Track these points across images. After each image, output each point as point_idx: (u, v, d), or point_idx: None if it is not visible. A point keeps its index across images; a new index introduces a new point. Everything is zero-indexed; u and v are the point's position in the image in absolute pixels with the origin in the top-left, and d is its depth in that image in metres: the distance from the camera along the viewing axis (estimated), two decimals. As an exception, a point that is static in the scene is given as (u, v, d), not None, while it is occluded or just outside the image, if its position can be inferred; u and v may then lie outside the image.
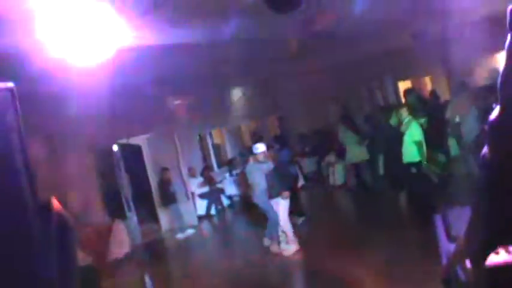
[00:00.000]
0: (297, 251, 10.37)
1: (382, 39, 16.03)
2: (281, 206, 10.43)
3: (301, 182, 16.69)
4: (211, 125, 19.00)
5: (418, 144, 10.30)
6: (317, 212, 14.09)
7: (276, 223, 10.46)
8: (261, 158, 10.53)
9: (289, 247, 10.38)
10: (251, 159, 10.88)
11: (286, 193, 10.48)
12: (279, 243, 10.52)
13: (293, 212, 11.56)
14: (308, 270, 9.73)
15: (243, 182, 15.22)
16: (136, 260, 12.99)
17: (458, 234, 3.10)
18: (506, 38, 1.51)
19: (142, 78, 11.81)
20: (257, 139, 15.16)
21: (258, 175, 10.52)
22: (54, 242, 1.41)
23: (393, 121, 11.70)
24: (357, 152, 14.58)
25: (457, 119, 12.81)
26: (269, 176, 10.50)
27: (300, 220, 12.42)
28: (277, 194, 10.41)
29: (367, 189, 14.59)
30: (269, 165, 10.57)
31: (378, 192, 14.07)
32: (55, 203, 1.47)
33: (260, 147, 10.65)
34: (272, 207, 10.45)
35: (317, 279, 8.84)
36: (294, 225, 10.97)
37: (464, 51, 16.59)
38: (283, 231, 10.46)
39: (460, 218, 2.80)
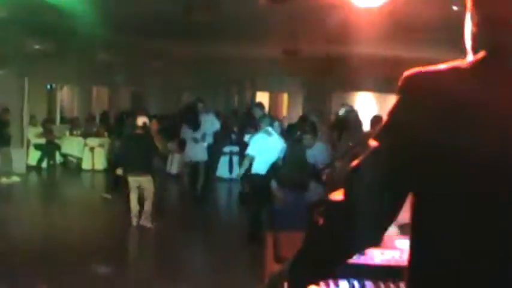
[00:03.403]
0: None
1: (254, 45, 16.50)
2: None
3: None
4: (65, 80, 18.55)
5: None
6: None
7: None
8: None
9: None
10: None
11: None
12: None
13: None
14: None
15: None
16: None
17: (286, 256, 3.28)
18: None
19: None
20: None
21: None
22: None
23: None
24: (194, 151, 13.13)
25: None
26: None
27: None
28: None
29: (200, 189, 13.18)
30: None
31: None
32: None
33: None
34: None
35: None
36: None
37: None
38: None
39: (291, 241, 3.02)
